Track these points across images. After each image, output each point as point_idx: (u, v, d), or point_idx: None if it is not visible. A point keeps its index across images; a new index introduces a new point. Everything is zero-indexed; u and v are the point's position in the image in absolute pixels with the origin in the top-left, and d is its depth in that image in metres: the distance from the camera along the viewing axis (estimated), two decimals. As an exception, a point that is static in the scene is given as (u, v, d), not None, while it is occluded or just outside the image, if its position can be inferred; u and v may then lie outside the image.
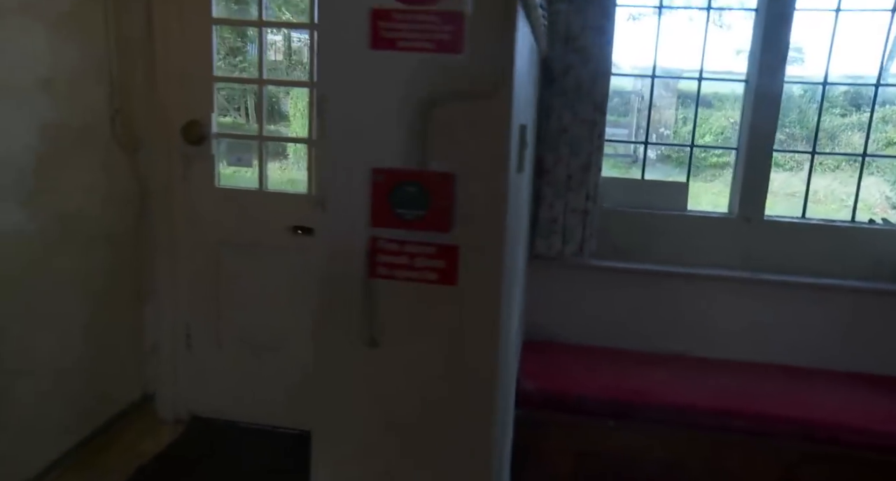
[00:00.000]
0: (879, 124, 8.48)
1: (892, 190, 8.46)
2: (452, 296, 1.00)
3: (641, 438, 2.29)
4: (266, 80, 2.80)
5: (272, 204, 2.84)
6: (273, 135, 2.91)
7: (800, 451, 2.23)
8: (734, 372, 2.53)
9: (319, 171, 1.12)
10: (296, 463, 2.67)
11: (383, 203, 0.95)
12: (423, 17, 0.92)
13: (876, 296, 2.56)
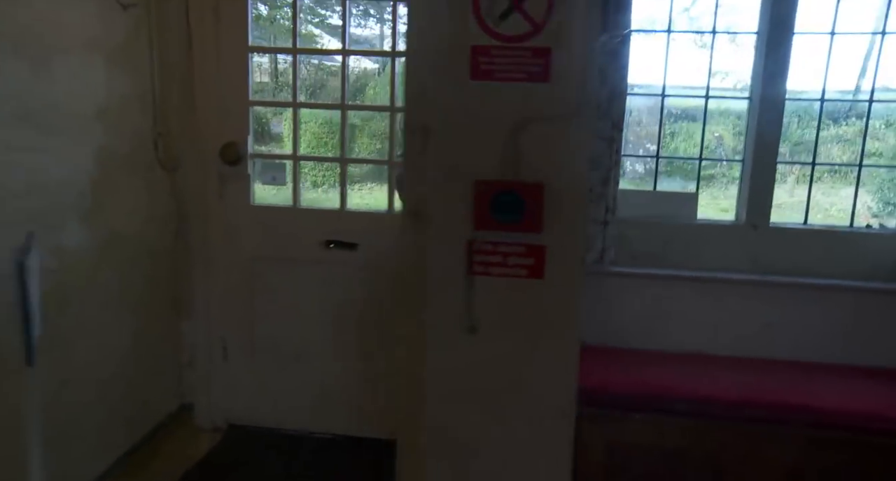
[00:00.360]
0: (857, 138, 8.79)
1: (873, 199, 8.77)
2: (539, 288, 1.16)
3: (664, 429, 2.45)
4: (300, 104, 2.98)
5: (305, 220, 3.02)
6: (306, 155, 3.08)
7: (809, 437, 2.41)
8: (745, 368, 2.70)
9: (412, 185, 1.29)
10: (328, 466, 2.84)
11: (485, 210, 1.12)
12: (517, 53, 1.10)
13: (874, 295, 2.76)
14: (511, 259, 1.17)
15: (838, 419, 2.40)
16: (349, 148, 3.03)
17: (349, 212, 2.99)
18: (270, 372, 3.14)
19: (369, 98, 6.99)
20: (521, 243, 1.16)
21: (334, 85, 4.23)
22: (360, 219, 3.00)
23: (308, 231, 2.99)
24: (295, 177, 3.05)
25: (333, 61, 4.79)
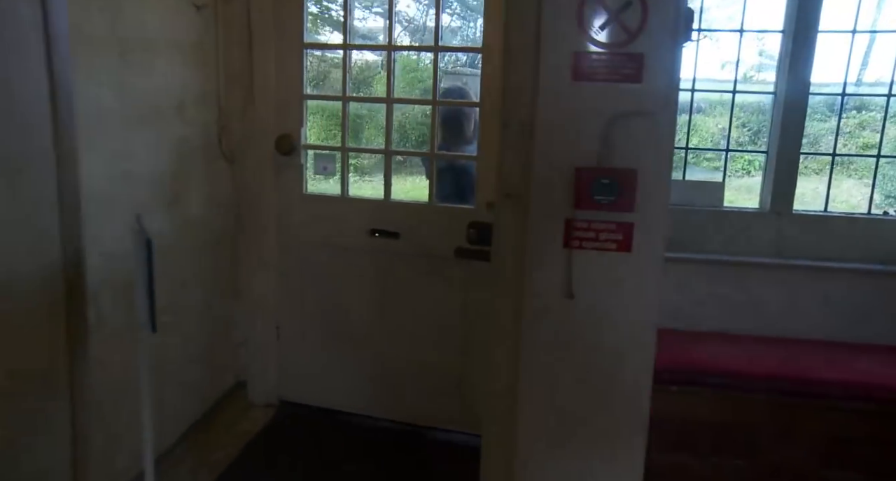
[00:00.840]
0: (856, 130, 8.98)
1: (877, 191, 8.94)
2: (628, 261, 1.36)
3: (699, 401, 2.66)
4: (349, 97, 3.15)
5: (352, 209, 3.16)
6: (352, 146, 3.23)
7: (838, 409, 2.62)
8: (771, 346, 2.91)
9: (507, 172, 1.49)
10: (375, 448, 2.99)
11: (585, 192, 1.32)
12: (613, 58, 1.29)
13: (893, 277, 2.96)
14: (603, 234, 1.36)
15: (865, 391, 2.61)
16: (356, 139, 3.20)
17: (393, 202, 3.10)
18: (319, 354, 3.29)
19: (378, 91, 7.12)
20: (612, 221, 1.36)
21: (335, 76, 4.38)
22: (402, 209, 3.12)
23: (354, 219, 3.16)
24: (343, 168, 3.21)
25: (335, 53, 4.90)
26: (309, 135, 3.29)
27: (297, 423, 3.24)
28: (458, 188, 3.17)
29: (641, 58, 1.29)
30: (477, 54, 3.20)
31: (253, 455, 2.93)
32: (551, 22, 1.31)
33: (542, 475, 1.46)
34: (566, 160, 1.34)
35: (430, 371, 3.13)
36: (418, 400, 3.18)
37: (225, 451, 2.91)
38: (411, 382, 3.18)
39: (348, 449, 3.03)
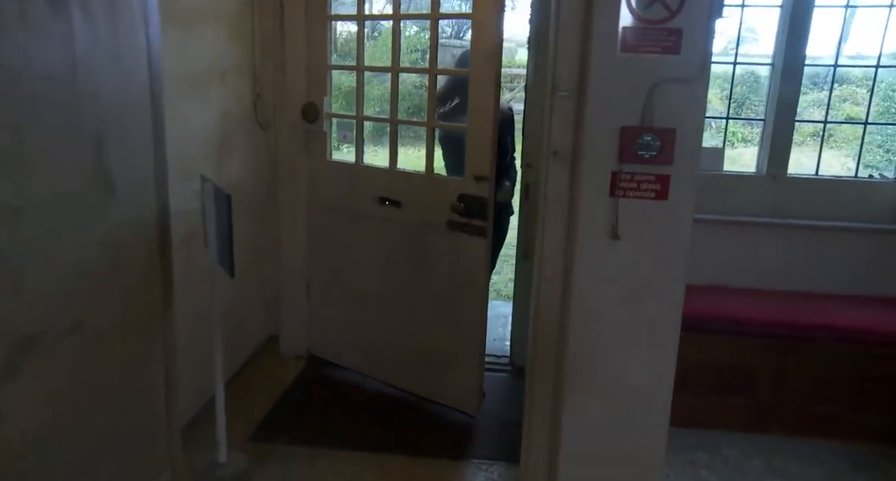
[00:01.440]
0: (836, 102, 9.26)
1: (854, 161, 9.26)
2: (664, 208, 1.60)
3: (706, 345, 2.93)
4: (366, 67, 3.30)
5: (365, 177, 3.21)
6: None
7: (828, 350, 2.91)
8: (769, 297, 3.19)
9: (556, 132, 1.71)
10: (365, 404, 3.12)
11: (630, 148, 1.54)
12: (656, 32, 1.51)
13: (878, 234, 3.25)
14: (643, 184, 1.59)
15: (850, 335, 2.91)
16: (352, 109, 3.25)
17: (397, 171, 3.09)
18: (340, 314, 3.43)
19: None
20: (651, 173, 1.59)
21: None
22: (404, 178, 3.08)
23: (367, 187, 3.15)
24: (357, 137, 3.33)
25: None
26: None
27: (326, 374, 3.45)
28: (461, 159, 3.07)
29: (680, 32, 1.51)
30: (460, 28, 3.24)
31: (290, 399, 3.17)
32: (603, 1, 1.53)
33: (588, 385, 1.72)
34: (613, 121, 1.57)
35: (420, 342, 3.12)
36: (407, 368, 3.20)
37: (266, 395, 3.16)
38: (403, 351, 3.20)
39: (362, 406, 3.17)
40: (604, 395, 1.75)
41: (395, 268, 3.17)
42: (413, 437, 2.88)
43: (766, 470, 2.77)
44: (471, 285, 2.88)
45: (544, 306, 1.81)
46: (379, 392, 3.26)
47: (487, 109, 2.68)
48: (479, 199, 2.76)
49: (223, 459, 2.32)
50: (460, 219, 2.82)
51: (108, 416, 1.73)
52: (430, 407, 3.11)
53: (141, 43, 1.74)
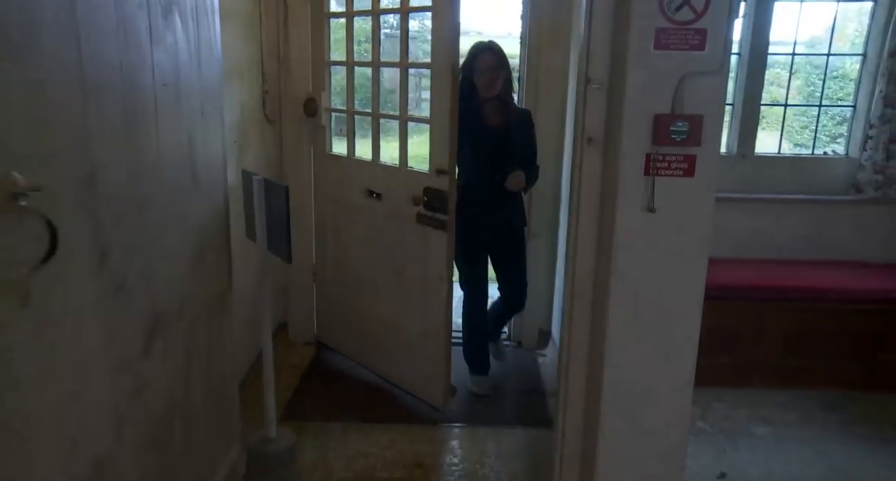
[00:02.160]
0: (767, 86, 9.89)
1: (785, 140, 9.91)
2: (692, 184, 1.86)
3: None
4: (354, 62, 3.42)
5: (355, 169, 3.31)
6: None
7: (798, 310, 3.28)
8: (743, 264, 3.53)
9: (590, 120, 1.95)
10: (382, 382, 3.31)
11: (664, 131, 1.79)
12: (685, 32, 1.76)
13: (833, 205, 3.63)
14: (674, 164, 1.85)
15: (818, 295, 3.28)
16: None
17: (378, 164, 3.16)
18: (339, 301, 3.57)
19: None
20: (680, 154, 1.85)
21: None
22: (382, 171, 3.13)
23: (356, 179, 3.24)
24: (349, 130, 3.46)
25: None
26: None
27: (332, 361, 3.58)
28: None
29: (705, 32, 1.76)
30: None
31: (310, 382, 3.34)
32: (639, 6, 1.76)
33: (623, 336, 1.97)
34: (648, 109, 1.81)
35: (397, 333, 3.19)
36: (388, 358, 3.29)
37: (286, 379, 3.31)
38: (385, 341, 3.29)
39: (374, 382, 3.35)
40: (640, 348, 2.00)
41: (378, 260, 3.23)
42: (427, 408, 3.08)
43: (751, 418, 3.11)
44: (438, 279, 2.88)
45: (580, 272, 2.06)
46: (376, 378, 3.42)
47: (445, 99, 2.66)
48: (439, 193, 2.76)
49: (273, 434, 2.48)
50: (425, 212, 2.83)
51: (202, 391, 1.89)
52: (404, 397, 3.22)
53: (214, 46, 1.88)
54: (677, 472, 2.13)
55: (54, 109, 1.12)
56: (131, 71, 1.38)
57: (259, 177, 2.26)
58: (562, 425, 2.26)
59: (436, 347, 2.98)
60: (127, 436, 1.41)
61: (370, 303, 3.34)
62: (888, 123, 3.40)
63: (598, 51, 1.94)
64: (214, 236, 1.95)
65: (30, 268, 1.05)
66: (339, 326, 3.61)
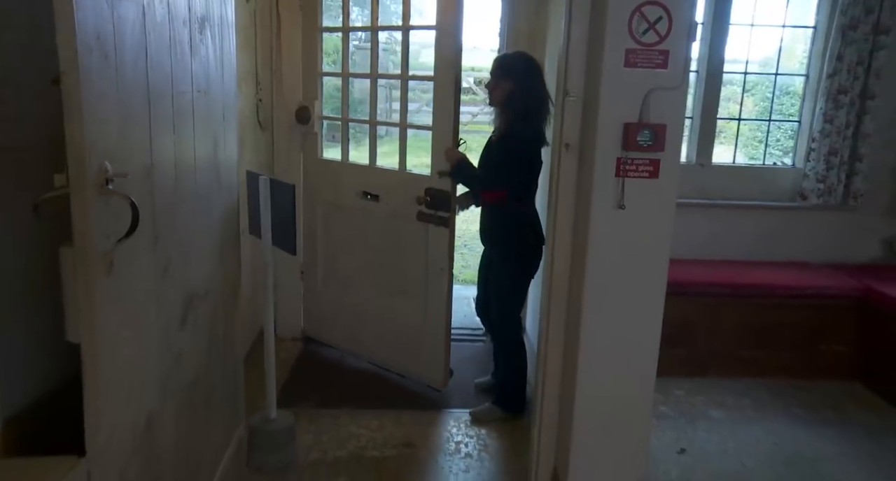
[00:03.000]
0: (724, 102, 10.45)
1: (740, 153, 10.42)
2: (656, 184, 2.13)
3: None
4: (349, 74, 3.68)
5: (350, 173, 3.57)
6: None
7: (752, 305, 3.59)
8: (701, 265, 3.84)
9: (567, 128, 2.22)
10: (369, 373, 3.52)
11: (633, 139, 2.06)
12: (650, 52, 2.03)
13: (782, 210, 3.98)
14: (641, 167, 2.11)
15: (769, 290, 3.60)
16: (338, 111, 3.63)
17: (376, 168, 3.43)
18: (329, 297, 3.79)
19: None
20: (646, 158, 2.12)
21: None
22: (381, 174, 3.40)
23: (351, 182, 3.48)
24: (343, 137, 3.71)
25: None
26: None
27: (320, 354, 3.79)
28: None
29: (668, 52, 2.04)
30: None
31: (300, 373, 3.53)
32: (612, 30, 2.03)
33: (596, 319, 2.23)
34: (618, 118, 2.08)
35: (394, 323, 3.45)
36: (385, 347, 3.53)
37: (276, 373, 3.47)
38: (381, 331, 3.52)
39: (362, 373, 3.60)
40: (611, 322, 2.26)
41: (373, 257, 3.49)
42: (415, 396, 3.30)
43: (707, 404, 3.40)
44: (439, 271, 3.16)
45: (558, 259, 2.32)
46: (366, 368, 3.65)
47: (449, 109, 2.97)
48: (441, 192, 3.06)
49: (273, 416, 2.68)
50: (427, 211, 3.12)
51: (219, 368, 2.08)
52: (397, 379, 3.50)
53: (232, 57, 2.09)
54: (643, 449, 2.40)
55: (131, 111, 1.33)
56: (178, 79, 1.59)
57: (265, 177, 2.48)
58: (540, 407, 2.51)
59: (436, 332, 3.25)
60: (168, 399, 1.61)
61: (365, 296, 3.58)
62: (827, 137, 3.76)
63: (574, 67, 2.21)
64: (230, 230, 2.16)
65: (114, 241, 1.25)
66: (329, 320, 3.82)
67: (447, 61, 2.96)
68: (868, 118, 3.73)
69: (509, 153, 2.86)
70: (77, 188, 1.14)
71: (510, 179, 2.86)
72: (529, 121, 2.80)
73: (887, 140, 3.85)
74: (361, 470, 2.68)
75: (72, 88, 1.10)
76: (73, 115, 1.12)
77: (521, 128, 2.82)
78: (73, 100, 1.11)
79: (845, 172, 3.81)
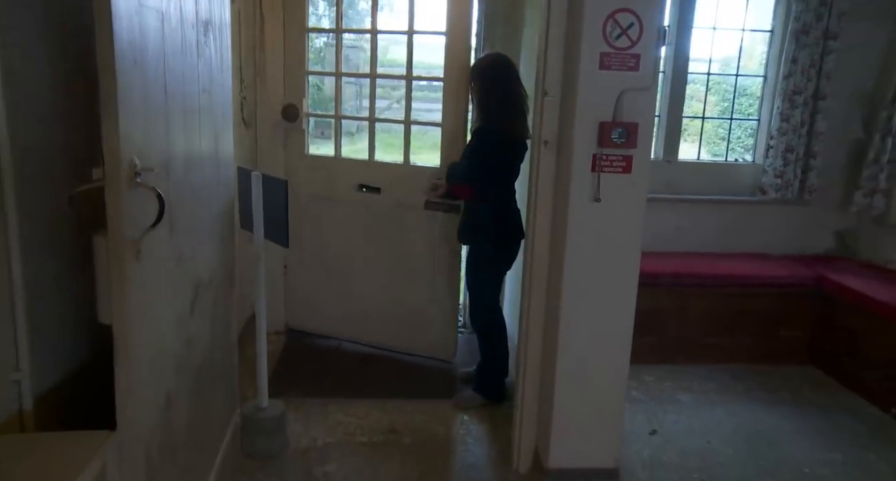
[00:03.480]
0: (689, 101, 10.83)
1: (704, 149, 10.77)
2: (629, 178, 2.30)
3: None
4: (342, 73, 3.82)
5: (343, 168, 3.75)
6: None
7: (717, 294, 3.80)
8: (669, 257, 4.04)
9: (546, 126, 2.37)
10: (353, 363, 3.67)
11: (607, 136, 2.22)
12: (623, 56, 2.19)
13: (743, 204, 4.20)
14: (615, 162, 2.27)
15: (733, 280, 3.81)
16: (325, 109, 3.86)
17: (376, 162, 3.65)
18: (316, 289, 3.93)
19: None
20: (619, 154, 2.28)
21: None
22: (383, 168, 3.63)
23: (345, 176, 3.67)
24: (336, 134, 3.87)
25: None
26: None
27: (308, 345, 3.91)
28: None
29: (639, 56, 2.20)
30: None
31: (286, 364, 3.63)
32: (588, 35, 2.19)
33: (574, 304, 2.39)
34: (594, 117, 2.23)
35: (400, 305, 3.67)
36: (389, 328, 3.75)
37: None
38: (384, 314, 3.74)
39: (346, 363, 3.74)
40: (589, 307, 2.42)
41: (375, 245, 3.73)
42: (401, 384, 3.43)
43: (676, 388, 3.60)
44: (449, 252, 3.50)
45: (538, 250, 2.47)
46: (360, 352, 3.82)
47: (458, 108, 3.33)
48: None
49: (265, 404, 2.78)
50: (434, 199, 3.41)
51: (220, 354, 2.18)
52: (409, 359, 3.71)
53: (227, 57, 2.19)
54: (619, 429, 2.57)
55: (153, 110, 1.43)
56: (187, 80, 1.69)
57: (257, 173, 2.58)
58: (521, 390, 2.66)
59: (444, 307, 3.55)
60: (181, 381, 1.71)
61: (362, 281, 3.77)
62: (784, 135, 3.99)
63: (552, 69, 2.36)
64: (227, 222, 2.26)
65: (143, 230, 1.36)
66: (319, 310, 3.95)
67: (457, 62, 3.28)
68: (820, 117, 3.96)
69: (471, 150, 3.02)
70: (111, 181, 1.25)
71: (471, 175, 2.98)
72: (491, 120, 2.91)
73: (839, 139, 4.09)
74: (350, 454, 2.79)
75: (108, 90, 1.21)
76: (110, 114, 1.22)
77: (482, 126, 2.95)
78: (110, 100, 1.21)
79: (801, 168, 4.04)
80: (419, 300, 3.63)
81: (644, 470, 2.77)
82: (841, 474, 2.81)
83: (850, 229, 4.27)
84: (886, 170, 3.88)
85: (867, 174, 3.97)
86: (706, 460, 2.87)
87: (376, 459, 2.77)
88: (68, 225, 1.52)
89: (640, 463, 2.82)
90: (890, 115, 3.85)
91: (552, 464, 2.55)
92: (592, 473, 2.58)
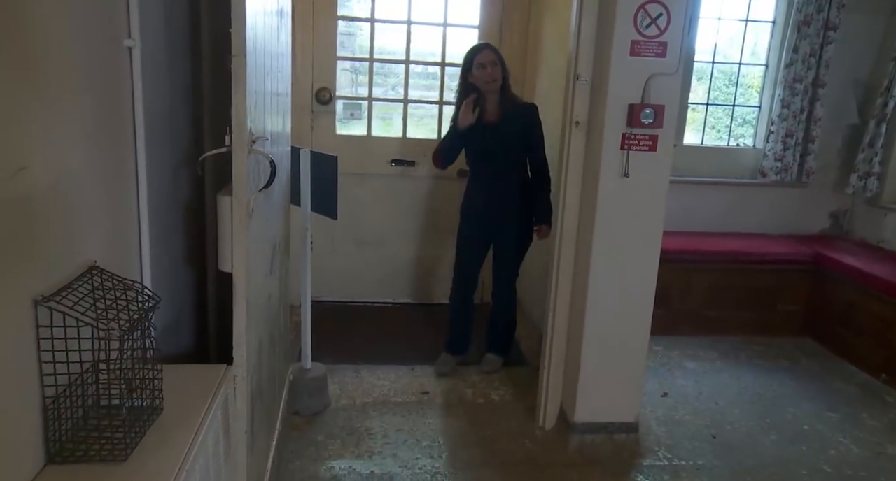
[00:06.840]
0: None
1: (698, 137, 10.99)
2: (655, 156, 2.52)
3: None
4: (375, 59, 3.99)
5: (375, 145, 4.09)
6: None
7: (720, 269, 4.04)
8: (675, 235, 4.26)
9: (582, 107, 2.58)
10: (385, 324, 3.96)
11: (637, 117, 2.43)
12: (651, 43, 2.40)
13: (746, 187, 4.44)
14: (642, 141, 2.49)
15: (734, 257, 4.06)
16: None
17: (409, 139, 4.07)
18: (344, 259, 4.22)
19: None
20: (647, 134, 2.50)
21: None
22: (417, 143, 4.05)
23: (378, 153, 4.07)
24: (369, 114, 4.05)
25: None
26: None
27: (329, 312, 4.13)
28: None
29: (666, 44, 2.42)
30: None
31: (315, 335, 3.82)
32: (620, 24, 2.39)
33: (602, 272, 2.61)
34: (624, 100, 2.45)
35: (429, 262, 4.22)
36: (418, 284, 4.31)
37: (292, 336, 3.77)
38: (414, 272, 4.30)
39: (369, 320, 4.08)
40: (615, 272, 2.64)
41: (409, 210, 4.19)
42: (422, 353, 3.64)
43: (682, 357, 3.84)
44: None
45: (567, 223, 2.69)
46: (388, 317, 4.15)
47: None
48: None
49: (308, 366, 2.99)
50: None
51: (283, 311, 2.39)
52: (436, 316, 4.01)
53: (289, 42, 2.38)
54: (639, 387, 2.81)
55: (256, 87, 1.63)
56: (272, 62, 1.88)
57: (306, 150, 2.77)
58: (549, 351, 2.88)
59: None
60: (265, 331, 1.92)
61: (395, 248, 4.27)
62: (784, 121, 4.23)
63: (584, 55, 2.57)
64: (287, 193, 2.45)
65: (255, 191, 1.55)
66: (347, 278, 4.30)
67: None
68: (819, 104, 4.20)
69: (536, 132, 3.30)
70: (237, 147, 1.44)
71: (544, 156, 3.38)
72: (518, 99, 3.29)
73: (835, 124, 4.34)
74: (388, 413, 3.01)
75: (240, 68, 1.40)
76: (239, 89, 1.42)
77: (533, 103, 3.35)
78: (240, 76, 1.41)
79: (800, 152, 4.28)
80: (446, 256, 4.00)
81: (660, 426, 3.01)
82: (837, 430, 3.07)
83: (845, 210, 4.52)
84: (880, 155, 4.13)
85: (862, 158, 4.21)
86: (715, 418, 3.12)
87: (411, 417, 2.99)
88: (189, 184, 1.71)
89: (655, 420, 3.07)
90: (885, 102, 4.09)
91: (578, 419, 2.78)
92: (615, 427, 2.81)
